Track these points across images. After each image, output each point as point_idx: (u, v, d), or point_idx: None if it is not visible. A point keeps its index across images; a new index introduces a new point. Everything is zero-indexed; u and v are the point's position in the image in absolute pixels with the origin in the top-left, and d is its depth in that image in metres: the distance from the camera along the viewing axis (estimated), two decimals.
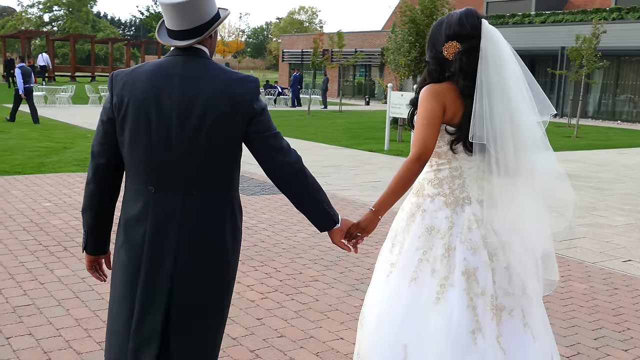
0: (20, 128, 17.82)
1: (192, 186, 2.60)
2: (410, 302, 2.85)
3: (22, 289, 5.31)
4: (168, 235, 2.59)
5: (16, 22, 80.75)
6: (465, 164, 2.91)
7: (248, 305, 5.14)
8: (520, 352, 2.82)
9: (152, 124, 2.56)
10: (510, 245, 2.85)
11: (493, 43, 2.84)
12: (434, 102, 2.84)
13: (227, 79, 2.63)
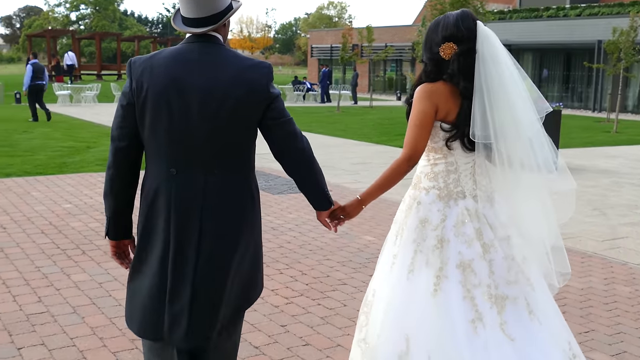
0: (44, 128, 17.74)
1: (212, 166, 2.71)
2: (409, 294, 2.94)
3: (36, 296, 5.09)
4: (192, 215, 2.70)
5: (43, 22, 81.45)
6: (461, 160, 3.00)
7: (272, 311, 4.86)
8: (529, 338, 2.85)
9: (173, 108, 2.65)
10: (508, 238, 2.93)
11: (489, 44, 2.91)
12: (426, 103, 2.94)
13: (242, 64, 2.73)
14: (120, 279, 5.49)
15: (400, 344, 2.90)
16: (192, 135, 2.68)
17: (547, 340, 2.89)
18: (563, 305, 5.15)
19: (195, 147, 2.70)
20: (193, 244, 2.71)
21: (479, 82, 2.87)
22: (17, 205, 8.22)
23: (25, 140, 14.76)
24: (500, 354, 2.80)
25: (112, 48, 68.53)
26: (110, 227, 2.92)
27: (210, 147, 2.70)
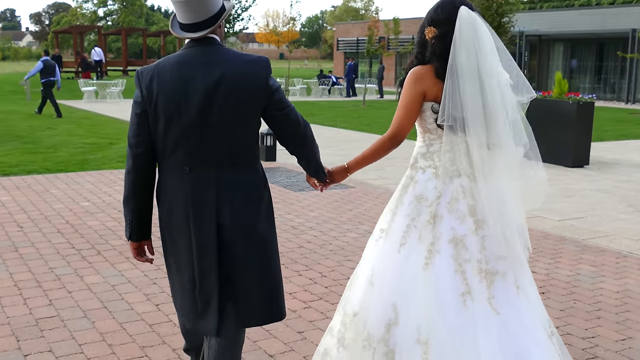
0: (67, 124, 17.68)
1: (223, 161, 2.87)
2: (400, 266, 3.01)
3: (48, 299, 4.92)
4: (209, 210, 2.86)
5: (71, 18, 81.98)
6: (455, 139, 3.03)
7: (289, 317, 4.63)
8: (515, 313, 2.92)
9: (182, 109, 2.81)
10: (500, 215, 2.99)
11: (468, 28, 2.94)
12: (413, 87, 3.06)
13: (242, 61, 2.90)
14: (134, 281, 5.31)
15: (389, 313, 2.98)
16: (202, 133, 2.84)
17: (531, 316, 2.97)
18: (597, 310, 4.88)
19: (206, 145, 2.85)
20: (212, 238, 2.87)
21: (449, 64, 2.96)
22: (35, 203, 8.09)
23: (48, 137, 14.70)
24: (486, 327, 2.87)
25: (138, 44, 68.75)
26: (133, 230, 3.05)
27: (220, 142, 2.86)
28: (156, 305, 4.82)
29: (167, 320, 4.55)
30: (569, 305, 4.96)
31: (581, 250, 6.45)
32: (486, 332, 2.86)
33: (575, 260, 6.13)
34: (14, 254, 5.99)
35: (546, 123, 12.05)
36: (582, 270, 5.81)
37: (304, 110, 23.39)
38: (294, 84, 33.67)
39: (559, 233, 7.09)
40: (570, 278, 5.60)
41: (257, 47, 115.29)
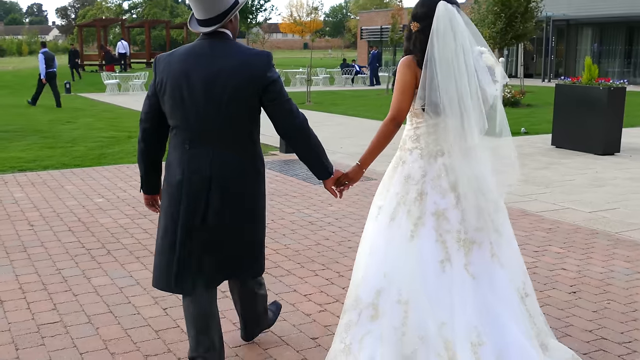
0: (88, 118, 17.57)
1: (218, 142, 3.23)
2: (390, 238, 3.33)
3: (52, 303, 4.70)
4: (201, 181, 3.23)
5: (97, 12, 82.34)
6: (438, 122, 3.33)
7: (303, 321, 4.37)
8: (489, 278, 3.26)
9: (184, 96, 3.20)
10: (481, 190, 3.32)
11: (445, 22, 3.19)
12: (407, 72, 3.33)
13: (246, 54, 3.24)
14: (142, 282, 5.08)
15: (380, 281, 3.29)
16: (202, 117, 3.21)
17: (504, 280, 3.31)
18: (634, 311, 4.55)
19: (205, 127, 3.22)
20: (202, 208, 3.24)
21: (427, 55, 3.22)
22: (49, 200, 7.91)
23: (67, 131, 14.57)
24: (462, 290, 3.21)
25: (163, 36, 68.75)
26: (143, 185, 3.63)
27: (217, 126, 3.22)
28: (164, 309, 4.58)
29: (174, 325, 4.31)
30: (603, 306, 4.63)
31: (614, 244, 6.10)
32: (462, 294, 3.21)
33: (608, 255, 5.78)
34: (22, 255, 5.79)
35: (575, 110, 11.66)
36: (615, 267, 5.47)
37: (326, 100, 23.12)
38: (317, 74, 33.36)
39: (589, 226, 6.74)
40: (603, 275, 5.27)
41: (281, 37, 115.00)
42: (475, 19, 21.66)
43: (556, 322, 4.34)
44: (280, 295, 4.83)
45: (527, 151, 11.79)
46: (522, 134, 14.23)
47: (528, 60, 37.36)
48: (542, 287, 5.00)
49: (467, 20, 3.28)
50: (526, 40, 22.67)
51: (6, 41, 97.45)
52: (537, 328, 3.42)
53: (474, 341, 3.14)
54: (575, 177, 9.36)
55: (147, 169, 3.53)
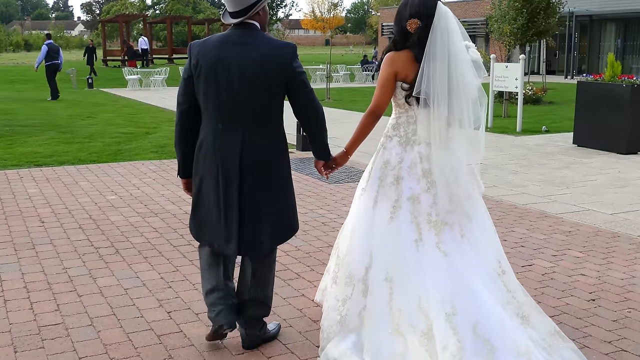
0: (107, 113, 17.55)
1: (248, 122, 3.58)
2: (373, 220, 3.72)
3: (55, 303, 4.61)
4: (233, 157, 3.57)
5: (120, 7, 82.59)
6: (420, 113, 3.65)
7: (309, 328, 4.23)
8: (461, 255, 3.56)
9: (219, 79, 3.53)
10: (455, 178, 3.64)
11: (444, 21, 3.53)
12: (388, 69, 3.68)
13: (272, 45, 3.58)
14: (149, 284, 4.98)
15: (367, 258, 3.70)
16: (234, 99, 3.54)
17: (474, 258, 3.58)
18: None
19: (236, 108, 3.56)
20: (235, 182, 3.58)
21: (427, 49, 3.53)
22: (62, 196, 7.85)
23: (86, 127, 14.55)
24: (435, 266, 3.53)
25: (185, 32, 68.86)
26: (181, 169, 3.85)
27: (247, 107, 3.56)
28: (168, 312, 4.46)
29: (177, 330, 4.19)
30: (623, 315, 4.43)
31: (636, 249, 5.90)
32: (435, 269, 3.52)
33: (630, 260, 5.58)
34: (31, 252, 5.72)
35: (598, 107, 11.41)
36: (637, 272, 5.27)
37: (346, 97, 22.95)
38: (337, 70, 33.18)
39: (611, 229, 6.54)
40: (625, 282, 5.07)
41: (302, 34, 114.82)
42: (496, 14, 21.36)
43: (573, 332, 4.16)
44: (288, 299, 4.70)
45: (548, 150, 11.55)
46: (543, 132, 13.97)
47: (550, 56, 36.91)
48: (559, 294, 4.82)
49: (457, 20, 3.65)
50: (548, 37, 22.32)
51: (32, 36, 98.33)
52: (517, 302, 3.64)
53: (448, 312, 3.40)
54: (597, 177, 9.14)
55: (186, 151, 3.77)
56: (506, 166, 9.98)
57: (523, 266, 5.42)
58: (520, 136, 13.39)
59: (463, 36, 3.63)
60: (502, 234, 6.34)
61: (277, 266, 5.34)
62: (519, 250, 5.82)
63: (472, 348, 3.29)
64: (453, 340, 3.31)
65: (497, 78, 14.34)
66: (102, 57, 45.12)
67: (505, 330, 3.37)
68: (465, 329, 3.33)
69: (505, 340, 3.32)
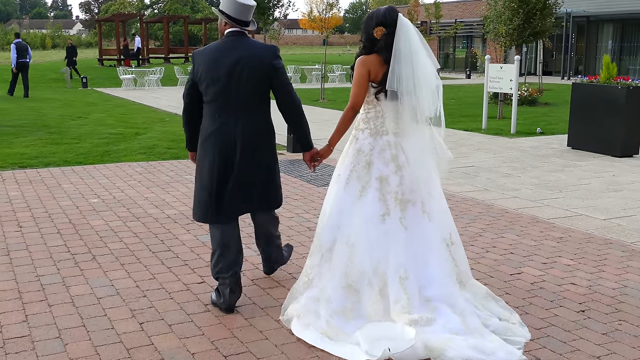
0: (99, 113, 17.38)
1: (241, 112, 4.37)
2: (344, 199, 4.26)
3: (24, 314, 4.43)
4: (229, 140, 4.35)
5: (119, 6, 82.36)
6: (385, 108, 4.27)
7: (286, 340, 4.05)
8: (419, 228, 4.18)
9: (215, 78, 4.33)
10: (419, 162, 4.25)
11: (405, 29, 4.16)
12: (362, 69, 4.24)
13: (257, 47, 4.43)
14: (123, 293, 4.80)
15: (335, 231, 4.25)
16: (227, 94, 4.34)
17: (432, 231, 4.22)
18: None
19: (229, 101, 4.36)
20: (230, 161, 4.35)
21: (394, 52, 4.14)
22: (43, 199, 7.67)
23: (75, 127, 14.36)
24: (396, 237, 4.14)
25: (183, 31, 68.63)
26: (188, 143, 4.77)
27: (239, 100, 4.36)
28: (140, 324, 4.28)
29: (147, 343, 4.01)
30: (614, 328, 4.25)
31: (629, 256, 5.73)
32: (395, 240, 4.14)
33: (622, 269, 5.41)
34: (4, 259, 5.54)
35: (593, 110, 11.24)
36: (629, 282, 5.10)
37: (341, 97, 22.76)
38: (333, 70, 33.00)
39: (603, 235, 6.36)
40: (616, 292, 4.89)
41: (300, 34, 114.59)
42: (492, 15, 21.15)
43: (561, 346, 3.98)
44: (266, 310, 4.52)
45: (541, 152, 11.38)
46: (538, 134, 13.80)
47: (547, 57, 36.76)
48: (548, 304, 4.64)
49: (415, 28, 4.28)
50: (545, 38, 22.12)
51: (30, 35, 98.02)
52: (458, 269, 4.29)
53: (402, 275, 4.07)
54: (591, 180, 8.96)
55: (192, 131, 4.66)
56: (499, 169, 9.81)
57: (512, 274, 5.24)
58: (514, 138, 13.21)
59: (423, 43, 4.23)
60: (491, 239, 6.17)
61: (257, 273, 5.20)
62: (508, 258, 5.65)
63: (418, 305, 4.01)
64: (404, 297, 4.03)
65: (492, 79, 14.17)
66: (98, 56, 44.87)
67: (446, 295, 4.08)
68: (414, 290, 4.05)
69: (445, 302, 4.05)
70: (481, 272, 5.26)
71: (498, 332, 4.00)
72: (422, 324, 3.90)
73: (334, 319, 4.04)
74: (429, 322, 3.93)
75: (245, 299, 4.70)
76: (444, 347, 3.73)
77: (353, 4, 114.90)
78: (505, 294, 4.82)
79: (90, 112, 17.53)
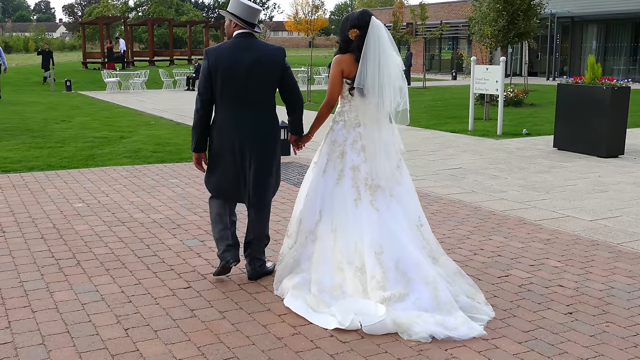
0: (83, 117, 17.27)
1: (253, 106, 4.85)
2: (323, 186, 4.76)
3: (7, 320, 4.37)
4: (244, 132, 4.84)
5: (102, 9, 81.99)
6: (358, 103, 4.72)
7: (271, 347, 4.00)
8: (389, 210, 4.64)
9: (231, 75, 4.77)
10: (386, 151, 4.71)
11: (376, 30, 4.59)
12: (336, 67, 4.76)
13: (269, 48, 4.92)
14: (108, 298, 4.74)
15: (316, 215, 4.77)
16: (241, 89, 4.79)
17: (400, 213, 4.68)
18: (634, 335, 4.17)
19: (243, 96, 4.81)
20: (247, 150, 4.86)
21: (363, 52, 4.58)
22: (27, 204, 7.60)
23: (59, 131, 14.26)
24: (369, 218, 4.60)
25: (167, 34, 68.38)
26: (197, 145, 5.00)
27: (253, 95, 4.83)
28: (125, 329, 4.23)
29: (133, 349, 3.96)
30: (601, 330, 4.24)
31: (615, 257, 5.73)
32: (369, 220, 4.59)
33: (609, 270, 5.41)
34: None
35: (578, 110, 11.28)
36: (616, 283, 5.10)
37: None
38: (319, 72, 32.98)
39: (590, 236, 6.37)
40: (603, 293, 4.89)
41: (286, 36, 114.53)
42: (477, 16, 21.21)
43: (549, 349, 3.96)
44: (253, 315, 4.48)
45: (528, 154, 11.41)
46: (524, 135, 13.83)
47: (533, 58, 36.91)
48: (536, 307, 4.62)
49: (386, 30, 4.70)
50: (530, 38, 22.21)
51: (13, 38, 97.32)
52: (430, 247, 4.75)
53: (377, 251, 4.50)
54: (577, 181, 8.98)
55: (203, 130, 4.94)
56: (486, 171, 9.82)
57: (499, 277, 5.23)
58: (500, 139, 13.24)
59: (391, 42, 4.68)
60: (479, 242, 6.16)
61: (244, 278, 5.17)
62: (496, 260, 5.64)
63: (394, 278, 4.41)
64: (379, 271, 4.43)
65: (478, 80, 14.20)
66: (82, 59, 44.63)
67: (419, 267, 4.47)
68: (389, 264, 4.45)
69: (418, 274, 4.44)
70: (469, 275, 5.23)
71: (465, 309, 4.35)
72: (395, 300, 4.31)
73: (321, 295, 4.53)
74: (401, 297, 4.33)
75: (231, 304, 4.67)
76: (411, 323, 4.14)
77: (339, 6, 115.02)
78: (493, 296, 4.81)
79: (74, 116, 17.41)
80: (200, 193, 8.19)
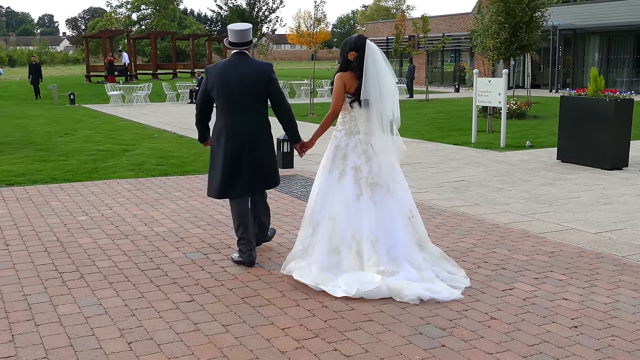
0: (87, 130, 17.30)
1: (246, 111, 5.76)
2: (327, 184, 5.48)
3: (11, 334, 4.36)
4: (239, 135, 5.73)
5: (106, 23, 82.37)
6: (358, 113, 5.47)
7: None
8: (386, 204, 5.38)
9: (225, 90, 5.73)
10: (385, 154, 5.45)
11: (372, 51, 5.38)
12: (339, 83, 5.46)
13: (258, 64, 5.84)
14: (111, 312, 4.73)
15: (323, 209, 5.42)
16: (235, 99, 5.72)
17: (395, 206, 5.40)
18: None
19: (237, 105, 5.74)
20: (241, 150, 5.73)
21: (364, 70, 5.33)
22: (31, 217, 7.60)
23: (63, 144, 14.29)
24: (368, 211, 5.31)
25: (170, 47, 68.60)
26: (200, 137, 6.25)
27: (246, 105, 5.74)
28: (129, 343, 4.22)
29: None
30: (606, 344, 4.21)
31: (620, 270, 5.71)
32: (368, 213, 5.31)
33: (614, 283, 5.38)
34: None
35: (581, 123, 11.28)
36: (621, 297, 5.07)
37: None
38: (322, 85, 33.03)
39: (595, 249, 6.35)
40: (608, 307, 4.86)
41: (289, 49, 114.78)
42: (479, 29, 21.25)
43: None
44: (256, 328, 4.46)
45: (531, 166, 11.39)
46: (527, 147, 13.82)
47: (535, 70, 36.94)
48: (540, 320, 4.60)
49: (380, 51, 5.45)
50: (532, 51, 22.23)
51: (17, 51, 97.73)
52: (418, 236, 5.47)
53: (372, 240, 5.26)
54: (581, 194, 8.97)
55: (204, 128, 6.14)
56: (489, 183, 9.80)
57: (504, 290, 5.21)
58: (504, 152, 13.23)
59: (385, 59, 5.42)
60: (482, 255, 6.14)
61: (247, 292, 5.15)
62: (500, 273, 5.62)
63: (386, 261, 5.19)
64: (374, 256, 5.21)
65: (480, 93, 14.20)
66: (85, 72, 44.76)
67: (408, 253, 5.30)
68: (383, 251, 5.23)
69: (406, 258, 5.26)
70: (473, 288, 5.23)
71: (446, 281, 5.26)
72: (388, 275, 5.13)
73: (322, 272, 5.24)
74: (393, 273, 5.16)
75: (235, 317, 4.65)
76: (402, 288, 5.00)
77: (341, 19, 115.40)
78: (497, 310, 4.79)
79: (77, 129, 17.45)
80: (203, 206, 8.18)
